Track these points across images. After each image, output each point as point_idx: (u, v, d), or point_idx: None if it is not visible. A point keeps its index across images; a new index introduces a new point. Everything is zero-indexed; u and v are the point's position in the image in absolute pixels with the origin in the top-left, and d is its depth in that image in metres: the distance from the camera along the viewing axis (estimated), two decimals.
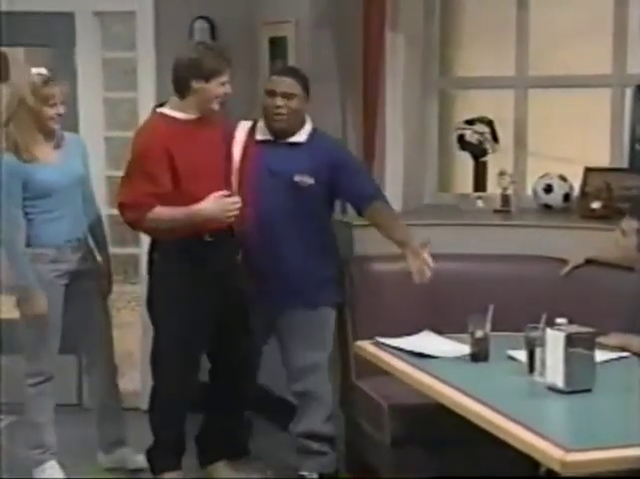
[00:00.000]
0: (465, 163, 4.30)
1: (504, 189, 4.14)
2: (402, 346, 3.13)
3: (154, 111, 3.54)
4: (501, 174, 4.16)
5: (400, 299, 3.63)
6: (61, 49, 4.46)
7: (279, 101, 3.48)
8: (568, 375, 2.60)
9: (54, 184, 3.55)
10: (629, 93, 3.99)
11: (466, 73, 4.45)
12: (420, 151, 4.35)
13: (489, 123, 4.18)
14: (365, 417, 3.51)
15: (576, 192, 4.03)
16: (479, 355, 2.96)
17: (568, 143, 4.19)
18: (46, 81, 3.51)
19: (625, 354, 2.99)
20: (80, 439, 3.85)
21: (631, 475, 2.35)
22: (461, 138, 4.21)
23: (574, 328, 2.65)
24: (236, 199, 3.30)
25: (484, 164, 4.19)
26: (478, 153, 4.18)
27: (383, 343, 3.19)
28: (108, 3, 4.47)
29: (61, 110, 3.54)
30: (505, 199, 4.13)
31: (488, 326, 2.99)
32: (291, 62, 4.25)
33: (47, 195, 3.55)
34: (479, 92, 4.42)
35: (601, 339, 2.97)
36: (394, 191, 4.16)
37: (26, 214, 3.55)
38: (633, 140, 3.96)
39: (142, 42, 4.53)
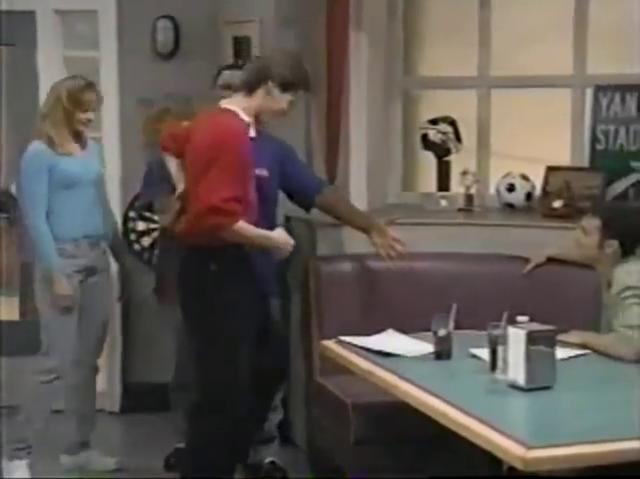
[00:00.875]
0: (428, 162, 4.33)
1: (468, 188, 4.18)
2: (366, 345, 3.14)
3: (223, 108, 3.21)
4: (465, 173, 4.19)
5: (364, 298, 3.65)
6: (22, 47, 4.43)
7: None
8: (529, 373, 2.64)
9: (76, 175, 3.68)
10: (589, 93, 4.04)
11: (429, 73, 4.48)
12: (384, 150, 4.38)
13: (453, 123, 4.21)
14: (329, 416, 3.52)
15: (538, 191, 4.07)
16: (442, 354, 2.99)
17: (530, 142, 4.23)
18: (83, 87, 3.69)
19: (585, 352, 3.03)
20: (43, 439, 3.83)
21: (592, 473, 2.40)
22: (424, 137, 4.24)
23: (535, 326, 2.68)
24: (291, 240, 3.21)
25: (448, 163, 4.22)
26: (441, 152, 4.21)
27: (347, 342, 3.21)
28: (69, 2, 4.46)
29: (91, 116, 3.73)
30: (469, 198, 4.17)
31: (452, 325, 3.02)
32: None
33: (69, 186, 3.67)
34: (442, 92, 4.46)
35: (562, 337, 3.01)
36: (358, 190, 4.18)
37: (48, 205, 3.66)
38: (593, 139, 4.01)
39: (104, 41, 4.51)
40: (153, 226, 4.61)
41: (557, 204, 3.89)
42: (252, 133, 3.22)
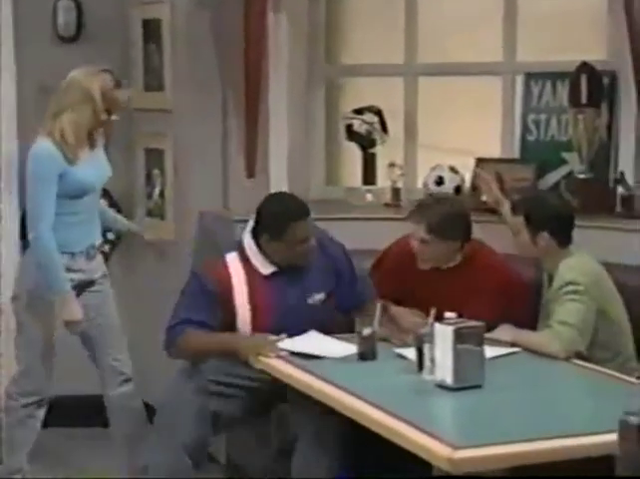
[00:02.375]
0: (353, 155, 4.39)
1: (394, 181, 4.26)
2: (287, 347, 3.19)
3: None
4: (391, 166, 4.27)
5: None
6: None
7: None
8: (457, 372, 2.71)
9: (88, 185, 3.48)
10: (520, 81, 4.15)
11: (353, 60, 4.54)
12: (305, 142, 4.43)
13: (378, 112, 4.28)
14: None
15: (468, 184, 4.17)
16: (366, 354, 3.05)
17: (459, 133, 4.33)
18: (116, 85, 3.48)
19: (515, 350, 3.12)
20: None
21: (525, 474, 2.49)
22: (348, 128, 4.30)
23: (463, 323, 2.76)
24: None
25: (373, 155, 4.29)
26: (366, 144, 4.28)
27: None
28: None
29: (115, 117, 3.50)
30: (396, 192, 4.25)
31: (376, 324, 3.08)
32: (166, 47, 4.26)
33: (78, 196, 3.45)
34: (367, 80, 4.53)
35: (491, 334, 3.11)
36: (278, 185, 4.22)
37: None
38: (524, 129, 4.13)
39: (2, 22, 4.45)
40: None
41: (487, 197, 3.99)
42: (266, 270, 3.28)
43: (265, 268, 3.31)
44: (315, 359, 3.08)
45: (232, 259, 3.32)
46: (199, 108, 4.05)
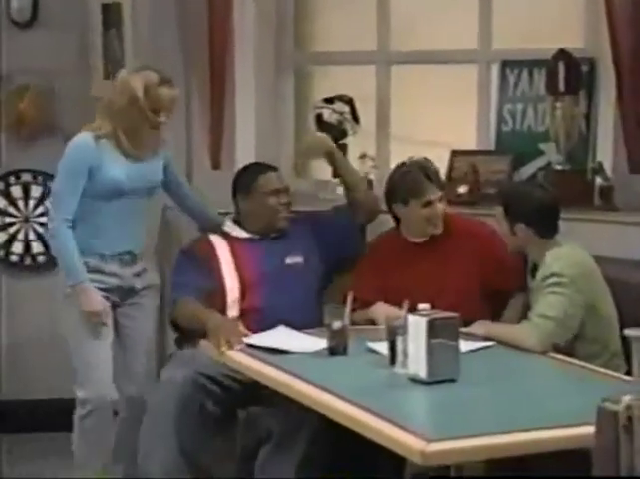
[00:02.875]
0: None
1: (366, 173, 4.29)
2: (253, 343, 3.21)
3: None
4: (363, 157, 4.31)
5: None
6: None
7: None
8: (431, 365, 2.75)
9: (120, 186, 3.47)
10: (495, 69, 4.21)
11: (323, 47, 4.58)
12: (274, 133, 4.46)
13: (350, 101, 4.32)
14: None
15: (442, 176, 4.21)
16: (336, 349, 3.08)
17: (433, 123, 4.38)
18: (160, 82, 3.45)
19: (491, 344, 3.17)
20: None
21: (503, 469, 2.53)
22: (319, 118, 4.33)
23: (437, 314, 2.80)
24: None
25: (344, 146, 4.32)
26: (337, 134, 4.31)
27: None
28: None
29: (163, 118, 3.47)
30: (367, 184, 4.28)
31: (347, 318, 3.12)
32: (127, 33, 4.28)
33: (109, 196, 3.46)
34: (338, 68, 4.56)
35: (467, 330, 3.15)
36: None
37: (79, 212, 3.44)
38: (500, 119, 4.18)
39: None
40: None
41: (462, 189, 4.05)
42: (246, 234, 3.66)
43: (243, 234, 3.68)
44: (283, 354, 3.11)
45: (214, 237, 3.69)
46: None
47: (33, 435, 4.44)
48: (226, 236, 3.69)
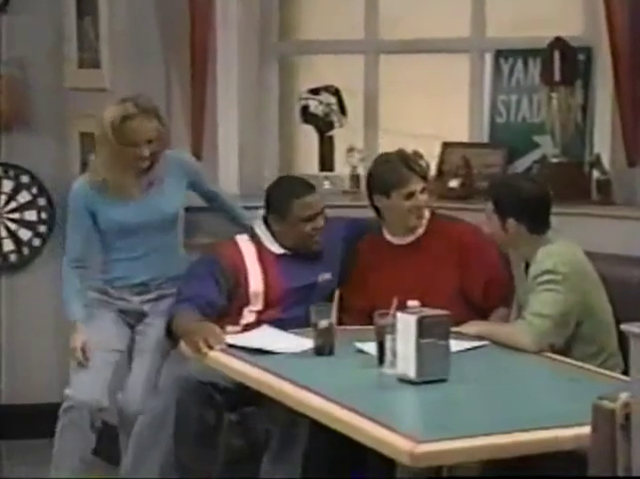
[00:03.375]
0: (309, 139, 4.44)
1: (354, 167, 4.32)
2: (236, 343, 3.23)
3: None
4: (350, 150, 4.33)
5: None
6: None
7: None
8: (420, 364, 2.77)
9: (126, 226, 3.59)
10: (489, 58, 4.24)
11: (309, 36, 4.60)
12: (257, 125, 4.47)
13: (337, 92, 4.34)
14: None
15: (433, 170, 4.24)
16: (323, 349, 3.10)
17: (424, 115, 4.41)
18: (126, 117, 3.49)
19: (483, 343, 3.19)
20: None
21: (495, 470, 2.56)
22: (304, 109, 4.35)
23: (427, 312, 2.82)
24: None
25: (331, 139, 4.35)
26: (323, 126, 4.34)
27: None
28: None
29: (145, 152, 3.51)
30: (355, 179, 4.31)
31: (334, 316, 3.14)
32: (103, 19, 4.29)
33: (117, 235, 3.61)
34: (324, 57, 4.58)
35: (458, 329, 3.18)
36: (228, 172, 4.28)
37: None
38: (493, 111, 4.21)
39: None
40: None
41: (454, 183, 4.07)
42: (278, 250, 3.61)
43: (276, 248, 3.61)
44: (266, 354, 3.13)
45: (243, 240, 3.64)
46: (140, 87, 4.03)
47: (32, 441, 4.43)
48: (255, 240, 3.63)
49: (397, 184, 3.50)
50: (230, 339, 3.28)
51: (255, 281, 3.56)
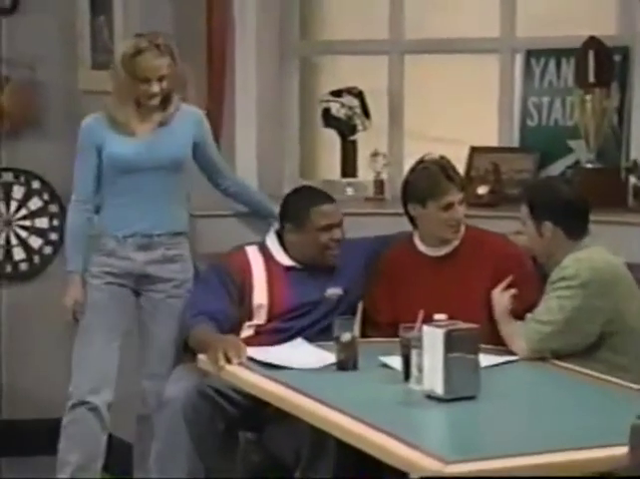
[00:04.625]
0: (331, 143, 4.44)
1: (378, 173, 4.30)
2: (255, 357, 3.22)
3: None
4: (374, 155, 4.32)
5: None
6: None
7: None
8: (448, 381, 2.75)
9: (124, 161, 3.64)
10: (519, 59, 4.21)
11: (331, 36, 4.59)
12: (277, 129, 4.47)
13: (360, 95, 4.33)
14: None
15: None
16: (346, 364, 3.08)
17: (451, 118, 4.39)
18: (137, 52, 3.58)
19: (513, 358, 3.18)
20: None
21: None
22: (326, 112, 4.35)
23: (455, 325, 2.80)
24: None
25: (354, 143, 4.34)
26: (346, 130, 4.33)
27: None
28: None
29: (156, 88, 3.59)
30: (379, 184, 4.29)
31: (357, 329, 3.12)
32: (118, 20, 4.30)
33: (117, 173, 3.65)
34: (347, 58, 4.58)
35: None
36: (246, 177, 4.26)
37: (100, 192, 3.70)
38: (524, 114, 4.19)
39: None
40: None
41: (483, 190, 4.05)
42: (286, 262, 3.63)
43: (286, 260, 3.63)
44: (285, 370, 3.11)
45: (252, 250, 3.67)
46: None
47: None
48: (265, 251, 3.66)
49: (434, 193, 3.47)
50: (249, 352, 3.27)
51: (260, 294, 3.58)
